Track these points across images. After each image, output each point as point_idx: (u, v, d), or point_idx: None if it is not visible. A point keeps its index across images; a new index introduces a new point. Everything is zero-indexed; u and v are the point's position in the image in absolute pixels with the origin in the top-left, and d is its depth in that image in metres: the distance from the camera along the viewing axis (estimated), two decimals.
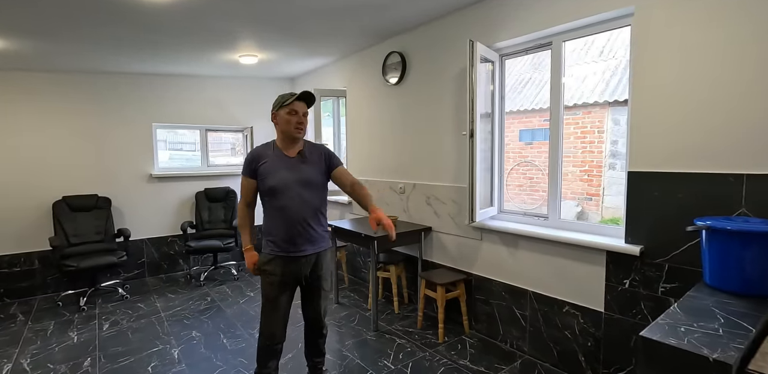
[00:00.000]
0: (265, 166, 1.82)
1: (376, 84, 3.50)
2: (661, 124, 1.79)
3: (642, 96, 1.84)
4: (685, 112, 1.72)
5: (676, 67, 1.73)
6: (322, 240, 1.92)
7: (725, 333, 1.16)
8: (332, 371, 2.26)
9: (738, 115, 1.58)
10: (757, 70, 1.53)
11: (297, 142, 1.88)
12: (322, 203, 1.91)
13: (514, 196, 5.41)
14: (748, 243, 1.42)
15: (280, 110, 1.83)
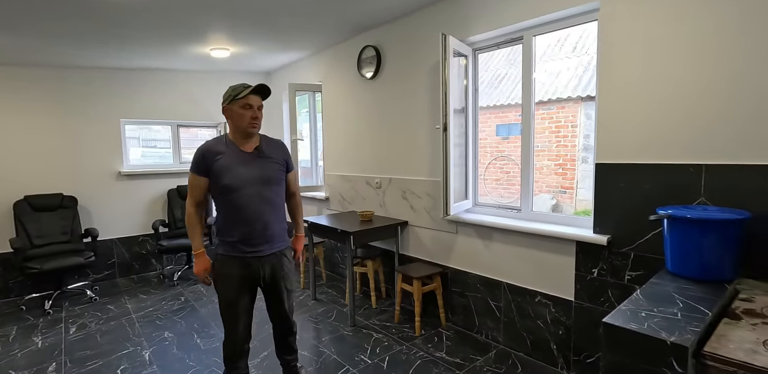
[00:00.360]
0: (219, 163, 1.69)
1: (351, 78, 3.47)
2: (626, 118, 1.83)
3: (608, 90, 1.88)
4: (649, 106, 1.76)
5: (640, 63, 1.77)
6: (282, 239, 1.84)
7: (683, 317, 1.20)
8: (308, 367, 2.24)
9: (698, 109, 1.63)
10: (715, 67, 1.58)
11: (252, 137, 1.78)
12: (281, 200, 1.85)
13: (492, 190, 5.49)
14: (707, 230, 1.47)
15: (232, 104, 1.70)
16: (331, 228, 2.94)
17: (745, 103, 1.52)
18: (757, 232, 1.51)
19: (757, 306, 1.33)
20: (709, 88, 1.60)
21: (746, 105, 1.52)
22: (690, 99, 1.65)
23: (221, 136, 1.80)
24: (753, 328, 1.19)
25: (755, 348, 1.07)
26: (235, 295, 1.74)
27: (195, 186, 1.74)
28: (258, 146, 1.79)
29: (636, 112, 1.80)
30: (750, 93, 1.51)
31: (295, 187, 1.96)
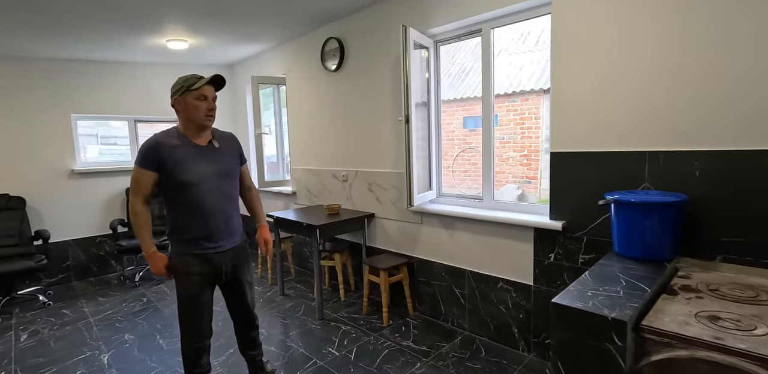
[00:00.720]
0: (171, 157, 1.61)
1: (315, 71, 3.43)
2: (578, 108, 1.90)
3: (561, 82, 1.94)
4: (598, 97, 1.83)
5: (589, 56, 1.84)
6: (240, 233, 1.83)
7: (625, 294, 1.26)
8: (275, 362, 2.23)
9: (641, 99, 1.71)
10: (656, 59, 1.66)
11: (206, 130, 1.72)
12: (237, 193, 1.83)
13: (460, 182, 5.59)
14: (648, 213, 1.55)
15: (185, 95, 1.63)
16: (298, 222, 2.91)
17: (682, 94, 1.61)
18: (694, 214, 1.60)
19: (693, 283, 1.42)
20: (651, 79, 1.68)
21: (683, 95, 1.61)
22: (635, 90, 1.73)
23: (171, 128, 1.71)
24: (687, 302, 1.27)
25: (687, 320, 1.15)
26: (197, 292, 1.70)
27: (142, 182, 1.63)
28: (212, 139, 1.74)
29: (586, 103, 1.87)
30: (687, 84, 1.60)
31: (249, 181, 1.96)
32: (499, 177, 5.46)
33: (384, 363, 2.18)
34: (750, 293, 1.30)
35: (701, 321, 1.14)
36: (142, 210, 1.66)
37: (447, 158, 6.23)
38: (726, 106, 1.52)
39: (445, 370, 2.11)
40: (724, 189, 1.55)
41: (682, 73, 1.60)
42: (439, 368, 2.13)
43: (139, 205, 1.66)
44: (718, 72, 1.52)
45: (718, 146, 1.55)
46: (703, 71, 1.55)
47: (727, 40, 1.50)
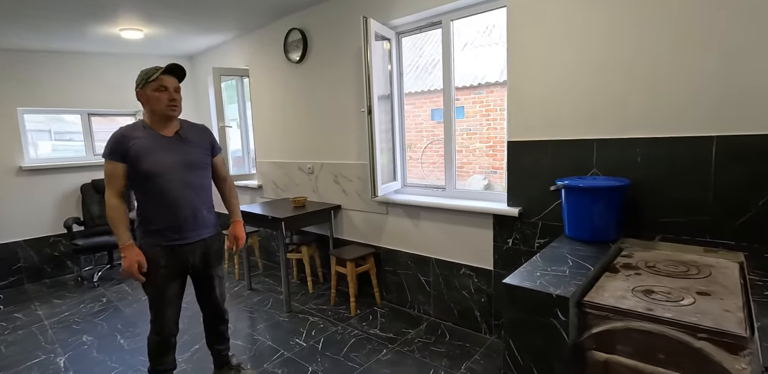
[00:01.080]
0: (136, 148, 1.61)
1: (278, 62, 3.37)
2: (532, 99, 1.96)
3: (517, 74, 2.00)
4: (551, 90, 1.90)
5: (543, 48, 1.91)
6: (210, 225, 1.81)
7: (570, 274, 1.34)
8: (242, 356, 2.21)
9: (591, 91, 1.79)
10: (604, 54, 1.74)
11: (172, 121, 1.71)
12: (208, 185, 1.80)
13: (429, 173, 5.66)
14: (596, 197, 1.64)
15: (145, 87, 1.63)
16: (263, 216, 2.88)
17: (627, 87, 1.70)
18: (636, 197, 1.70)
19: (634, 261, 1.51)
20: (600, 73, 1.76)
21: (628, 88, 1.70)
22: (585, 83, 1.81)
23: (137, 121, 1.72)
24: (627, 279, 1.36)
25: (624, 295, 1.23)
26: (163, 284, 1.70)
27: (113, 174, 1.63)
28: (179, 130, 1.72)
29: (540, 96, 1.94)
30: (632, 78, 1.69)
31: (225, 172, 1.92)
32: (467, 168, 5.57)
33: (351, 352, 2.21)
34: (682, 268, 1.40)
35: (637, 295, 1.22)
36: (115, 203, 1.64)
37: (416, 150, 6.28)
38: (663, 98, 1.62)
39: (410, 355, 2.16)
40: (661, 173, 1.65)
41: (629, 69, 1.69)
42: (404, 353, 2.18)
43: (113, 198, 1.64)
44: (659, 69, 1.62)
45: (657, 134, 1.64)
46: (647, 68, 1.65)
47: (669, 42, 1.59)
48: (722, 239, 1.54)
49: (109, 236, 3.59)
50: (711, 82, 1.52)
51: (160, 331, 1.74)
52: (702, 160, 1.56)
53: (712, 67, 1.51)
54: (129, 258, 1.62)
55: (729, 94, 1.49)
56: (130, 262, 1.62)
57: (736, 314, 1.07)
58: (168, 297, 1.72)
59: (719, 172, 1.53)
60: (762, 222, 1.47)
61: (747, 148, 1.47)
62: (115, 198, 1.64)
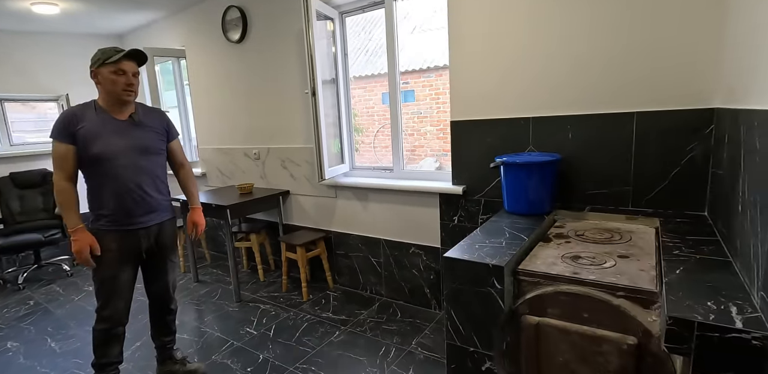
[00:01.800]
0: (86, 130, 1.54)
1: (217, 42, 3.17)
2: (472, 80, 2.00)
3: (457, 56, 2.03)
4: (489, 71, 1.95)
5: (481, 30, 1.93)
6: (164, 210, 1.76)
7: (507, 244, 1.39)
8: (188, 349, 2.13)
9: (526, 72, 1.84)
10: (537, 38, 1.79)
11: (127, 105, 1.64)
12: (162, 170, 1.75)
13: (382, 157, 5.66)
14: (531, 172, 1.70)
15: (102, 68, 1.55)
16: (207, 204, 2.75)
17: (560, 67, 1.76)
18: (567, 171, 1.80)
19: (566, 230, 1.60)
20: (534, 55, 1.81)
21: (561, 69, 1.76)
22: (520, 64, 1.85)
23: (90, 101, 1.63)
24: (558, 247, 1.43)
25: (555, 262, 1.30)
26: (114, 269, 1.64)
27: (61, 156, 1.55)
28: (133, 113, 1.66)
29: (479, 77, 1.98)
30: (560, 60, 1.75)
31: (182, 157, 1.87)
32: (419, 151, 5.63)
33: (303, 336, 2.20)
34: (607, 235, 1.50)
35: (566, 261, 1.29)
36: (65, 186, 1.57)
37: (368, 134, 6.24)
38: (590, 78, 1.70)
39: (362, 335, 2.18)
40: (589, 148, 1.74)
41: (558, 51, 1.76)
42: (357, 334, 2.20)
43: (62, 182, 1.57)
44: (585, 52, 1.69)
45: (585, 111, 1.73)
46: (575, 51, 1.71)
47: (594, 28, 1.65)
48: (641, 207, 1.67)
49: (34, 233, 3.28)
50: (630, 64, 1.61)
51: (108, 319, 1.66)
52: (624, 135, 1.66)
53: (629, 51, 1.60)
54: (80, 241, 1.56)
55: (645, 75, 1.59)
56: (81, 246, 1.56)
57: (650, 273, 1.17)
58: (119, 283, 1.66)
59: (639, 146, 1.64)
60: (674, 191, 1.60)
61: (661, 122, 1.59)
62: (64, 181, 1.57)
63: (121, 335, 1.73)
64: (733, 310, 0.84)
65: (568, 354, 1.17)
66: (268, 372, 1.91)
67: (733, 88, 1.27)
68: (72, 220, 1.57)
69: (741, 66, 1.18)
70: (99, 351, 1.69)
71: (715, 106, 1.48)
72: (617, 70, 1.64)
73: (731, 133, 1.22)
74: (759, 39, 1.01)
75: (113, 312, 1.66)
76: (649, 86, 1.59)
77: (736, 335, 0.78)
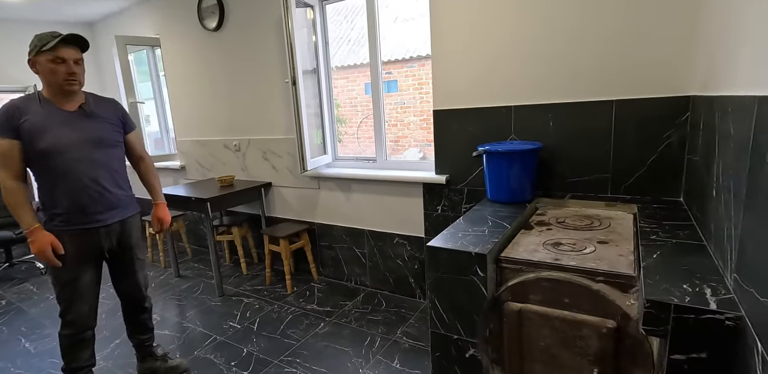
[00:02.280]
0: (31, 123, 1.44)
1: (193, 31, 3.06)
2: (454, 70, 1.98)
3: (438, 43, 2.01)
4: (472, 61, 1.93)
5: (463, 21, 1.91)
6: (126, 206, 1.66)
7: (489, 233, 1.39)
8: (169, 345, 2.09)
9: (508, 61, 1.84)
10: (522, 25, 1.77)
11: (74, 95, 1.53)
12: (120, 164, 1.65)
13: (366, 148, 5.63)
14: (513, 161, 1.71)
15: (39, 56, 1.44)
16: (186, 197, 2.69)
17: (541, 58, 1.76)
18: (548, 159, 1.81)
19: (547, 218, 1.61)
20: (514, 44, 1.81)
21: (542, 59, 1.76)
22: (502, 54, 1.85)
23: (33, 93, 1.53)
24: (539, 234, 1.44)
25: (536, 248, 1.31)
26: (74, 271, 1.55)
27: (5, 153, 1.44)
28: (83, 104, 1.55)
29: (462, 66, 1.96)
30: (545, 51, 1.75)
31: (141, 150, 1.77)
32: (402, 141, 5.61)
33: (288, 329, 2.19)
34: (587, 221, 1.52)
35: (547, 247, 1.30)
36: (12, 186, 1.46)
37: (351, 125, 6.18)
38: (571, 67, 1.70)
39: (347, 326, 2.18)
40: (570, 136, 1.76)
41: (540, 40, 1.75)
42: (342, 325, 2.20)
43: (8, 181, 1.46)
44: (567, 41, 1.69)
45: (565, 99, 1.74)
46: (556, 40, 1.71)
47: (575, 18, 1.65)
48: (620, 194, 1.69)
49: (4, 230, 3.16)
50: (610, 53, 1.61)
51: (72, 324, 1.58)
52: (604, 123, 1.68)
53: (609, 40, 1.60)
54: (39, 241, 1.45)
55: (624, 64, 1.60)
56: (41, 246, 1.45)
57: (628, 257, 1.18)
58: (80, 287, 1.57)
59: (618, 134, 1.66)
60: (651, 178, 1.63)
61: (639, 110, 1.60)
62: (11, 180, 1.46)
63: (89, 339, 1.65)
64: (708, 292, 0.86)
65: (550, 339, 1.18)
66: (252, 365, 1.89)
67: (708, 76, 1.29)
68: (26, 221, 1.45)
69: (716, 53, 1.19)
70: (68, 357, 1.62)
71: (692, 93, 1.50)
72: (597, 59, 1.65)
73: (707, 119, 1.24)
74: (734, 25, 1.02)
75: (77, 316, 1.58)
76: (628, 75, 1.60)
77: (711, 316, 0.80)
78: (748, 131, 0.81)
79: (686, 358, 0.84)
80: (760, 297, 0.70)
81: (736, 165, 0.88)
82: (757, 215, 0.74)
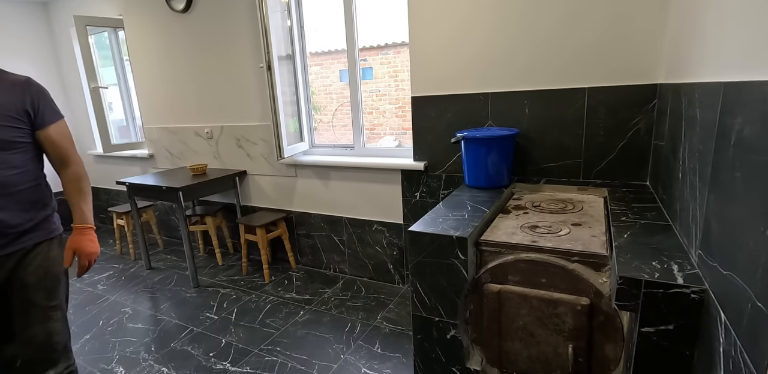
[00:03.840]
0: None
1: (159, 11, 2.90)
2: (432, 57, 1.98)
3: (416, 30, 1.99)
4: (449, 48, 1.93)
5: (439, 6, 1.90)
6: (31, 231, 1.20)
7: (469, 217, 1.42)
8: (143, 339, 2.03)
9: (485, 48, 1.85)
10: (496, 18, 1.78)
11: None
12: (21, 174, 1.17)
13: (341, 136, 5.58)
14: (490, 147, 1.73)
15: None
16: (157, 186, 2.59)
17: (517, 44, 1.78)
18: (524, 145, 1.85)
19: (523, 202, 1.66)
20: (493, 32, 1.82)
21: (518, 46, 1.78)
22: (480, 41, 1.85)
23: None
24: (516, 218, 1.48)
25: (514, 231, 1.34)
26: None
27: None
28: None
29: (439, 53, 1.96)
30: (517, 37, 1.76)
31: (66, 152, 1.27)
32: (378, 129, 5.60)
33: (267, 318, 2.17)
34: (561, 205, 1.57)
35: (524, 230, 1.34)
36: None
37: (326, 113, 6.10)
38: (545, 55, 1.73)
39: (327, 313, 2.19)
40: (545, 122, 1.80)
41: (515, 29, 1.76)
42: (321, 312, 2.20)
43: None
44: (540, 30, 1.71)
45: (540, 86, 1.77)
46: (531, 29, 1.73)
47: (548, 5, 1.67)
48: (591, 178, 1.76)
49: None
50: (583, 41, 1.65)
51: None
52: (577, 110, 1.73)
53: (583, 29, 1.64)
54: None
55: (597, 52, 1.64)
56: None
57: (600, 238, 1.24)
58: None
59: (590, 120, 1.71)
60: (620, 163, 1.70)
61: (610, 98, 1.66)
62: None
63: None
64: (675, 268, 0.92)
65: (528, 318, 1.23)
66: (232, 355, 1.88)
67: (674, 64, 1.34)
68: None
69: (682, 41, 1.24)
70: None
71: (659, 81, 1.56)
72: (571, 47, 1.68)
73: (673, 106, 1.30)
74: (699, 14, 1.06)
75: None
76: (599, 63, 1.65)
77: (678, 290, 0.85)
78: (714, 115, 0.85)
79: (655, 330, 0.89)
80: (723, 271, 0.75)
81: (702, 148, 0.93)
82: (721, 194, 0.79)
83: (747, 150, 0.68)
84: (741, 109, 0.72)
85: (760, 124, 0.63)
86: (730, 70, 0.81)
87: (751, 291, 0.62)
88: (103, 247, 3.42)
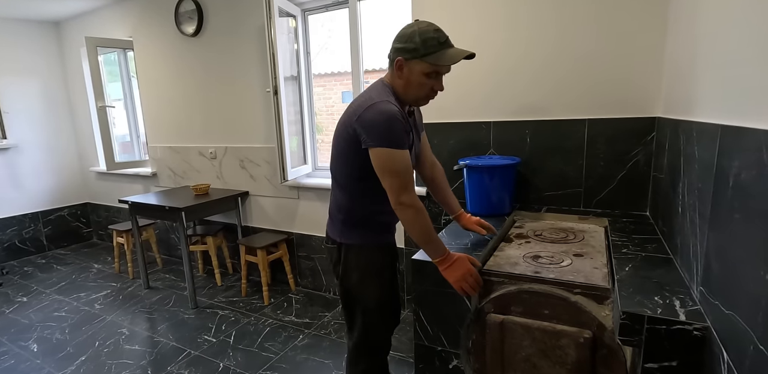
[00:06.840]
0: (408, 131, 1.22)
1: (170, 35, 3.00)
2: None
3: None
4: (457, 77, 1.96)
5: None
6: None
7: (472, 245, 1.44)
8: (140, 362, 2.00)
9: (491, 79, 1.91)
10: (504, 45, 1.85)
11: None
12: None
13: None
14: (492, 175, 1.77)
15: (415, 63, 1.19)
16: (159, 206, 2.61)
17: (521, 76, 1.84)
18: (525, 173, 1.88)
19: (525, 231, 1.68)
20: (499, 64, 1.88)
21: (521, 77, 1.84)
22: (486, 72, 1.91)
23: (386, 93, 1.24)
24: (519, 246, 1.50)
25: (517, 261, 1.36)
26: None
27: (409, 168, 1.21)
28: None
29: (448, 82, 2.00)
30: (523, 69, 1.83)
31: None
32: None
33: (265, 342, 2.14)
34: (562, 234, 1.59)
35: (527, 260, 1.36)
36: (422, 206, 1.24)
37: (328, 133, 6.18)
38: (547, 87, 1.79)
39: (327, 337, 2.17)
40: (546, 152, 1.84)
41: (523, 60, 1.83)
42: (321, 337, 2.18)
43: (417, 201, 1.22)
44: (542, 63, 1.78)
45: (542, 117, 1.82)
46: (533, 62, 1.80)
47: (551, 42, 1.74)
48: (592, 208, 1.79)
49: None
50: (584, 75, 1.72)
51: None
52: (577, 140, 1.77)
53: (584, 63, 1.70)
54: (464, 267, 1.22)
55: (597, 85, 1.70)
56: (468, 272, 1.22)
57: (602, 270, 1.25)
58: None
59: (590, 151, 1.76)
60: (620, 192, 1.73)
61: (610, 129, 1.71)
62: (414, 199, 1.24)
63: None
64: (677, 304, 0.93)
65: (530, 349, 1.23)
66: None
67: (672, 99, 1.39)
68: (441, 246, 1.23)
69: (680, 78, 1.30)
70: None
71: (657, 115, 1.62)
72: (571, 80, 1.74)
73: (672, 140, 1.34)
74: (695, 56, 1.12)
75: None
76: (599, 95, 1.71)
77: (680, 327, 0.86)
78: (711, 156, 0.89)
79: (658, 366, 0.90)
80: (725, 310, 0.76)
81: (701, 186, 0.96)
82: (721, 233, 0.82)
83: (745, 194, 0.71)
84: (738, 153, 0.75)
85: (757, 171, 0.66)
86: (728, 113, 0.85)
87: (754, 334, 0.64)
88: (101, 265, 3.39)
